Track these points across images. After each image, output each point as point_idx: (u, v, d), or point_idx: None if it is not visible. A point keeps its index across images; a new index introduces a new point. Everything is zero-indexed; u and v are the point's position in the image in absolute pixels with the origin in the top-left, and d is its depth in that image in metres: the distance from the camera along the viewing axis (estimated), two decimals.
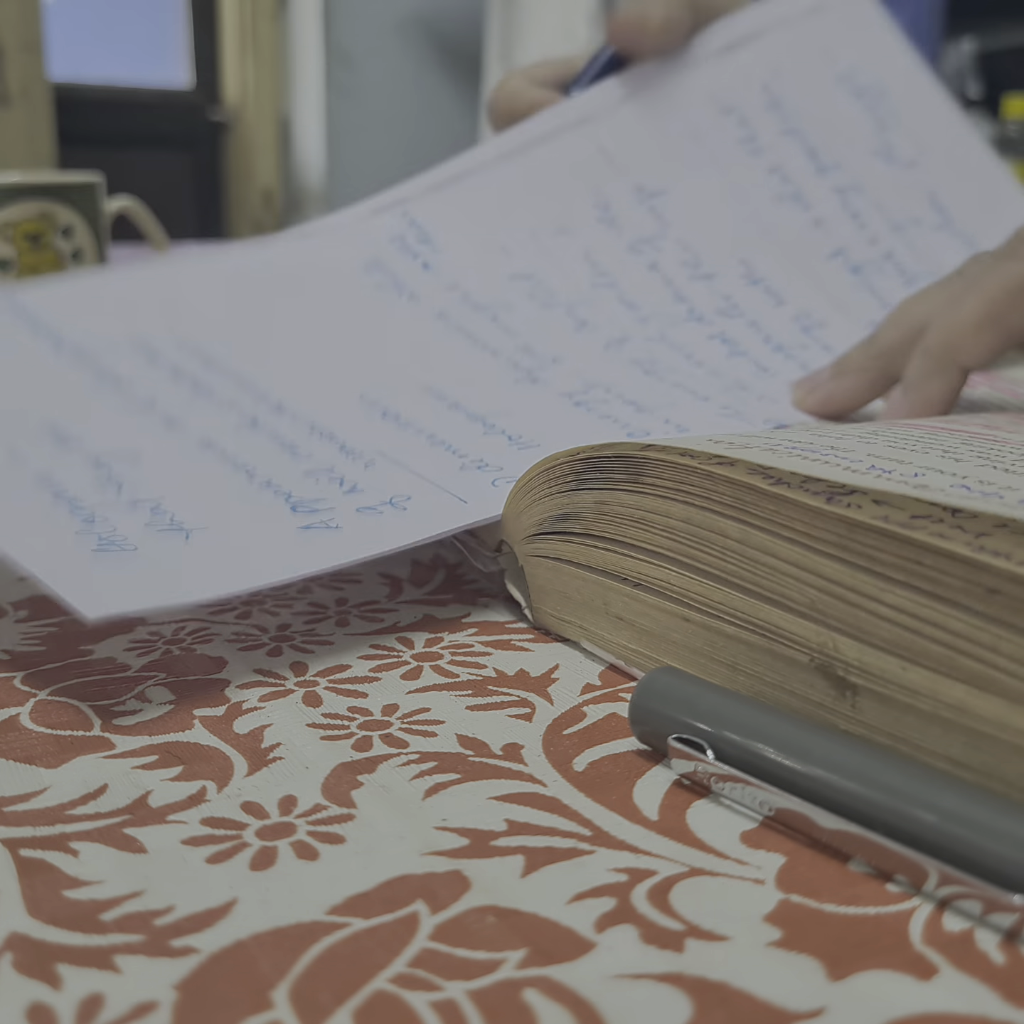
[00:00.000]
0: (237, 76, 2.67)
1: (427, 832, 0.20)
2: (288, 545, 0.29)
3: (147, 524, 0.29)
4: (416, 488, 0.31)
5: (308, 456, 0.33)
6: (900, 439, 0.26)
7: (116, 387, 0.35)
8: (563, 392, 0.38)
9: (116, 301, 0.40)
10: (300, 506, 0.30)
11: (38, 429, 0.33)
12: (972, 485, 0.21)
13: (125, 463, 0.31)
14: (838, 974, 0.17)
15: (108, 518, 0.29)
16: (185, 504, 0.30)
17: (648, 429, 0.36)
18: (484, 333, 0.41)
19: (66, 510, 0.29)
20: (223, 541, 0.29)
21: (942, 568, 0.20)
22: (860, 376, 0.39)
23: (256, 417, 0.35)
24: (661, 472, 0.25)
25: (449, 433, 0.35)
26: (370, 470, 0.32)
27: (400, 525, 0.30)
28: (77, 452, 0.32)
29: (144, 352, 0.37)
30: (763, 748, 0.21)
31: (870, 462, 0.23)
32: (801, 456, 0.24)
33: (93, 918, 0.18)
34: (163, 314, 0.40)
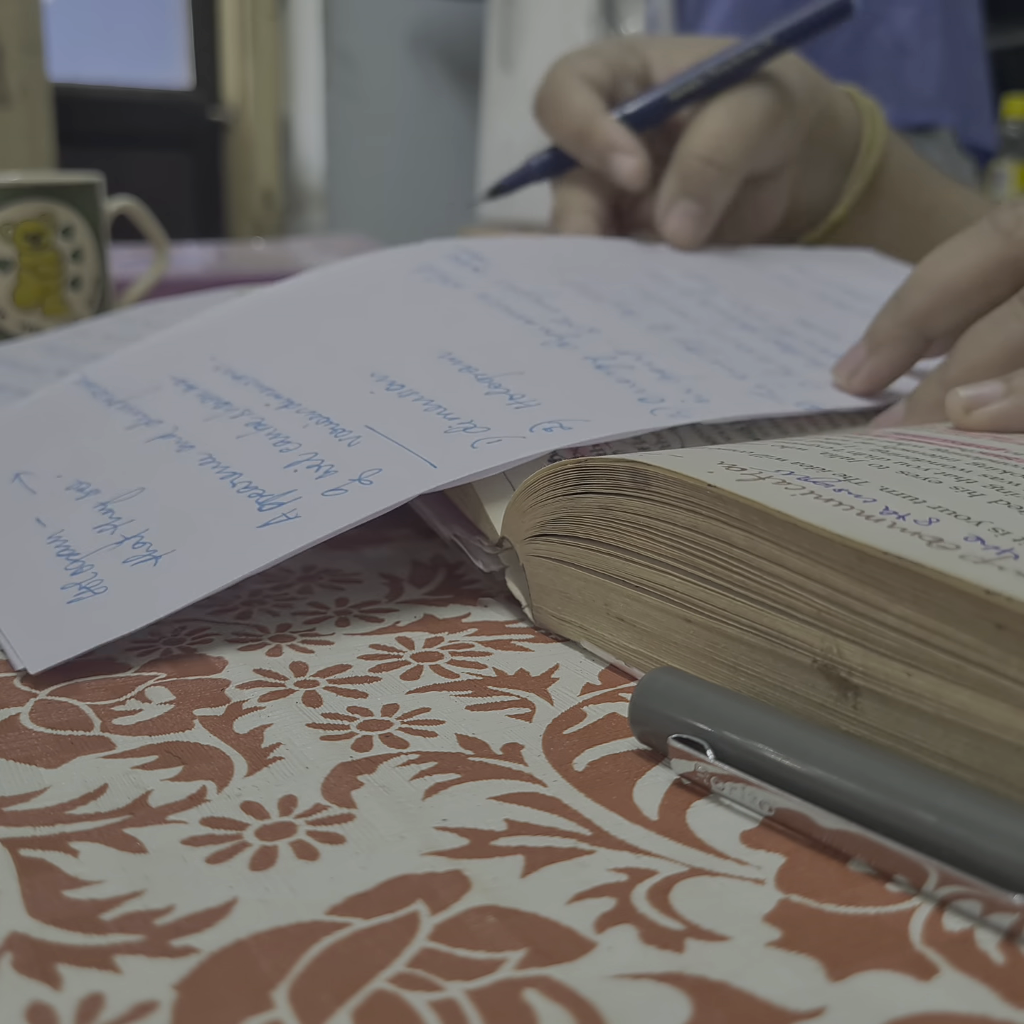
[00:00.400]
0: (237, 76, 2.67)
1: (427, 832, 0.20)
2: (244, 544, 0.29)
3: (124, 561, 0.30)
4: (389, 458, 0.31)
5: (297, 447, 0.33)
6: (912, 460, 0.26)
7: (147, 425, 0.37)
8: (589, 356, 0.37)
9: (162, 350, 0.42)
10: (268, 503, 0.31)
11: (67, 487, 0.35)
12: (986, 537, 0.21)
13: (127, 502, 0.33)
14: (838, 974, 0.17)
15: (94, 564, 0.30)
16: (164, 530, 0.31)
17: (663, 396, 0.35)
18: (523, 308, 0.40)
19: (62, 566, 0.31)
20: (186, 558, 0.30)
21: (952, 600, 0.20)
22: (896, 346, 0.38)
23: (263, 419, 0.35)
24: (668, 485, 0.25)
25: (448, 396, 0.34)
26: (353, 447, 0.32)
27: (361, 499, 0.30)
28: (92, 500, 0.34)
29: (182, 385, 0.39)
30: (763, 748, 0.21)
31: (883, 502, 0.23)
32: (814, 495, 0.23)
33: (93, 918, 0.18)
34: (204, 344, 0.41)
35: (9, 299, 0.61)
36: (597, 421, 0.33)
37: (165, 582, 0.29)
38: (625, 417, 0.33)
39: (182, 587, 0.28)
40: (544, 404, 0.34)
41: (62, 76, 2.40)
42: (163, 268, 0.72)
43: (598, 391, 0.35)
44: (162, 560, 0.30)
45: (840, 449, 0.27)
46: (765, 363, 0.40)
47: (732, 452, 0.27)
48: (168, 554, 0.30)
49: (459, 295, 0.41)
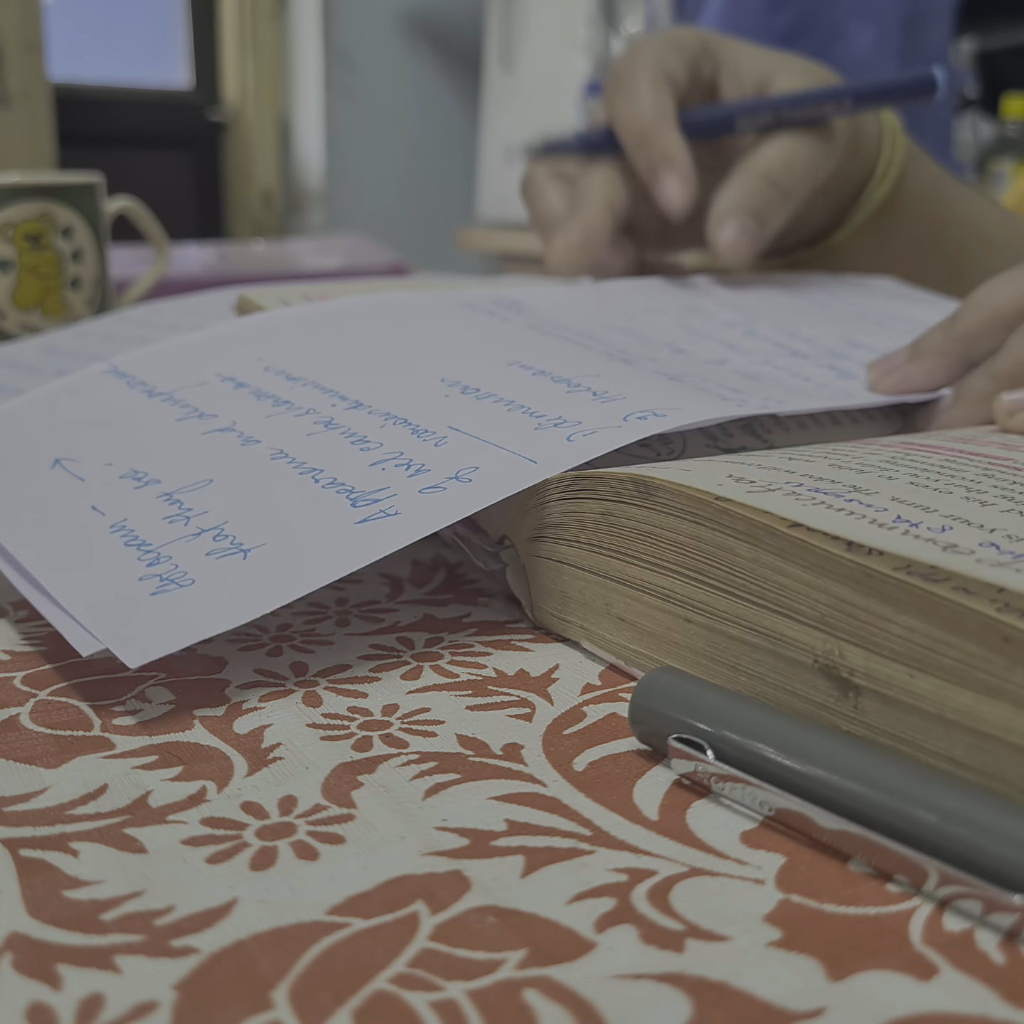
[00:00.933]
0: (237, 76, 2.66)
1: (427, 832, 0.20)
2: (344, 540, 0.28)
3: (207, 553, 0.28)
4: (485, 457, 0.30)
5: (379, 446, 0.32)
6: (921, 471, 0.26)
7: (200, 418, 0.35)
8: (656, 371, 0.37)
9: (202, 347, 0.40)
10: (361, 499, 0.29)
11: (120, 475, 0.33)
12: (1001, 543, 0.21)
13: (195, 493, 0.31)
14: (838, 974, 0.17)
15: (172, 555, 0.29)
16: (247, 523, 0.29)
17: (746, 396, 0.35)
18: (576, 339, 0.40)
19: (134, 556, 0.29)
20: (279, 553, 0.28)
21: (961, 615, 0.20)
22: (937, 360, 0.37)
23: (332, 418, 0.34)
24: (672, 497, 0.25)
25: (529, 397, 0.33)
26: (440, 447, 0.31)
27: (463, 496, 0.29)
28: (153, 490, 0.32)
29: (231, 383, 0.37)
30: (763, 748, 0.21)
31: (895, 511, 0.23)
32: (825, 505, 0.23)
33: (93, 918, 0.18)
34: (252, 346, 0.40)
35: (9, 299, 0.61)
36: (689, 409, 0.32)
37: (259, 577, 0.27)
38: (716, 405, 0.33)
39: (281, 583, 0.27)
40: (630, 397, 0.33)
41: (62, 76, 2.40)
42: (163, 268, 0.72)
43: (679, 390, 0.34)
44: (251, 554, 0.28)
45: (848, 460, 0.27)
46: (824, 390, 0.39)
47: (740, 465, 0.27)
48: (257, 548, 0.28)
49: (510, 326, 0.41)
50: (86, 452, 0.34)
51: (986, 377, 0.35)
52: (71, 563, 0.29)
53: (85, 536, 0.30)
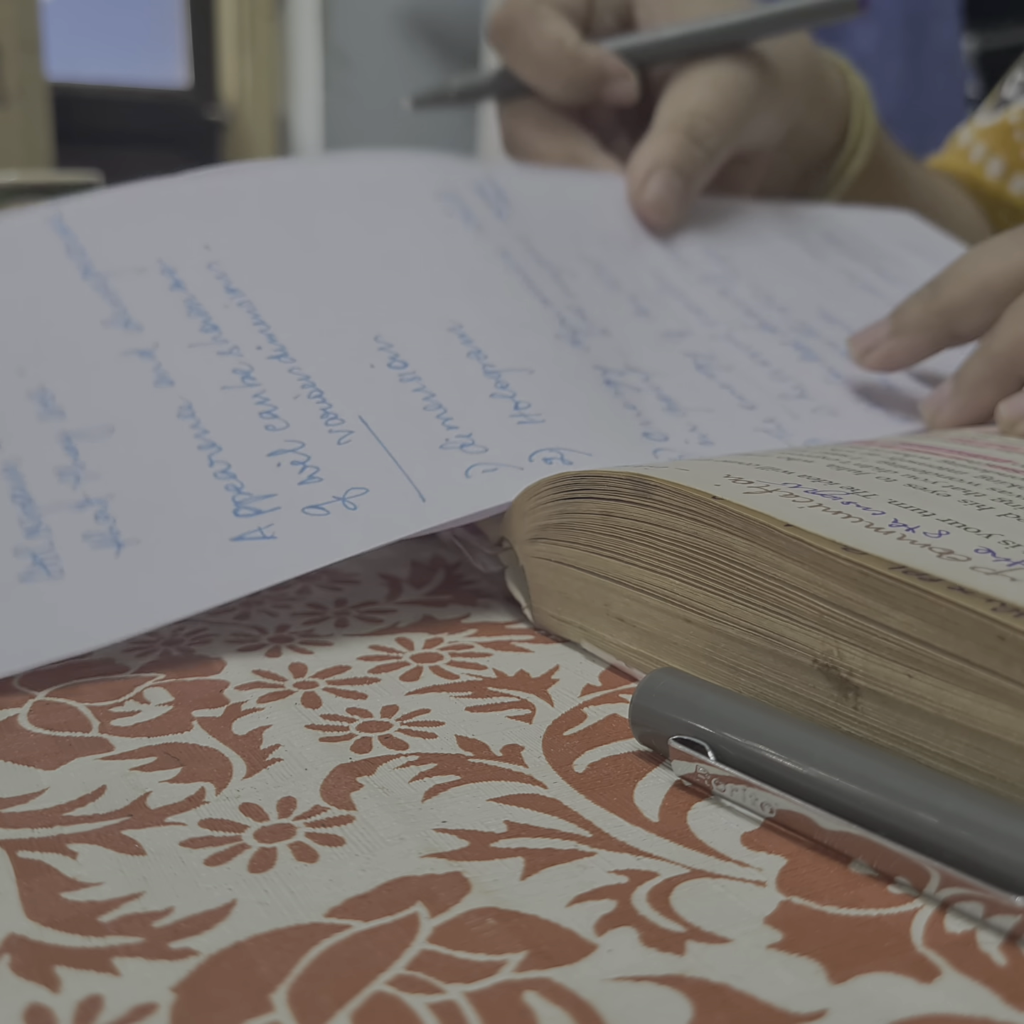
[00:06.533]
0: (235, 75, 2.66)
1: (427, 834, 0.20)
2: (215, 563, 0.28)
3: (85, 535, 0.29)
4: (378, 476, 0.30)
5: (284, 427, 0.31)
6: (920, 472, 0.26)
7: (125, 327, 0.35)
8: (599, 365, 0.36)
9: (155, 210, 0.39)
10: (244, 505, 0.29)
11: (29, 393, 0.33)
12: (997, 549, 0.21)
13: (94, 442, 0.31)
14: (839, 976, 0.17)
15: (51, 527, 0.29)
16: (132, 503, 0.30)
17: (667, 434, 0.34)
18: (542, 283, 0.39)
19: (16, 517, 0.29)
20: (152, 559, 0.28)
21: (956, 614, 0.19)
22: (921, 334, 0.36)
23: (252, 368, 0.33)
24: (670, 495, 0.25)
25: (451, 391, 0.33)
26: (342, 446, 0.31)
27: (341, 531, 0.29)
28: (55, 427, 0.31)
29: (169, 277, 0.36)
30: (764, 749, 0.21)
31: (892, 514, 0.23)
32: (822, 507, 0.23)
33: (91, 920, 0.18)
34: (202, 225, 0.39)
35: None
36: (599, 456, 0.32)
37: (125, 588, 0.28)
38: (628, 455, 0.32)
39: (143, 604, 0.27)
40: (548, 421, 0.32)
41: (60, 75, 2.40)
42: None
43: (604, 412, 0.34)
44: (124, 551, 0.28)
45: (847, 461, 0.27)
46: (780, 381, 0.39)
47: (738, 465, 0.27)
48: (132, 545, 0.29)
49: (481, 246, 0.39)
50: (5, 343, 0.34)
51: (983, 361, 0.34)
52: None
53: None
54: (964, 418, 0.35)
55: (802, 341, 0.41)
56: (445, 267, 0.38)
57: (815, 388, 0.39)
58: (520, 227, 0.41)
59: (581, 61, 0.47)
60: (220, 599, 0.28)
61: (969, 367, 0.35)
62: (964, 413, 0.35)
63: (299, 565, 0.28)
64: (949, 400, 0.35)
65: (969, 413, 0.35)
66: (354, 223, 0.39)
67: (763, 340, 0.41)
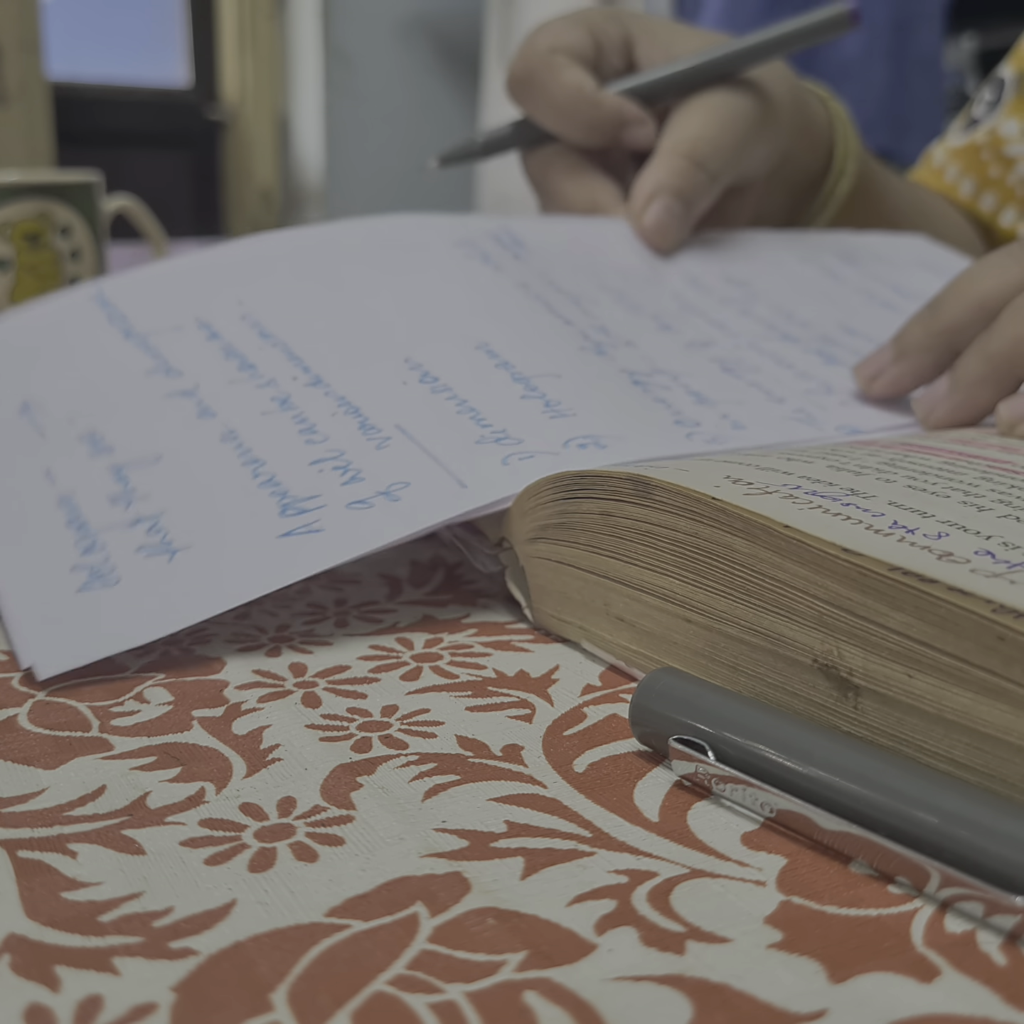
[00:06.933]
0: (235, 75, 2.66)
1: (427, 834, 0.20)
2: (264, 557, 0.29)
3: (139, 548, 0.30)
4: (418, 471, 0.31)
5: (324, 440, 0.32)
6: (919, 474, 0.26)
7: (167, 375, 0.36)
8: (625, 369, 0.37)
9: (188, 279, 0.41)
10: (290, 507, 0.30)
11: (79, 437, 0.34)
12: (996, 551, 0.21)
13: (143, 470, 0.32)
14: (839, 976, 0.17)
15: (107, 544, 0.30)
16: (182, 516, 0.30)
17: (700, 420, 0.34)
18: (563, 308, 0.39)
19: (72, 540, 0.30)
20: (203, 560, 0.29)
21: (956, 615, 0.19)
22: (923, 356, 0.36)
23: (289, 396, 0.34)
24: (671, 495, 0.25)
25: (482, 397, 0.34)
26: (381, 451, 0.32)
27: (385, 521, 0.29)
28: (105, 461, 0.33)
29: (206, 330, 0.38)
30: (764, 749, 0.21)
31: (892, 516, 0.23)
32: (822, 509, 0.23)
33: (91, 920, 0.18)
34: (235, 284, 0.40)
35: (7, 299, 0.61)
36: (633, 440, 0.32)
37: (178, 587, 0.28)
38: (661, 438, 0.33)
39: (195, 599, 0.28)
40: (580, 415, 0.33)
41: (60, 75, 2.40)
42: None
43: (634, 406, 0.34)
44: (177, 556, 0.29)
45: (847, 462, 0.27)
46: (806, 380, 0.39)
47: (738, 466, 0.26)
48: (184, 550, 0.29)
49: (500, 280, 0.40)
50: (53, 397, 0.36)
51: (981, 360, 0.34)
52: (15, 541, 0.30)
53: (34, 508, 0.31)
54: (959, 417, 0.35)
55: (825, 349, 0.42)
56: (467, 299, 0.39)
57: (840, 385, 0.39)
58: (538, 265, 0.43)
59: (600, 107, 0.49)
60: (271, 586, 0.28)
61: (966, 366, 0.35)
62: (959, 412, 0.35)
63: (347, 551, 0.29)
64: (944, 399, 0.35)
65: (965, 412, 0.35)
66: (377, 271, 0.41)
67: (786, 348, 0.41)
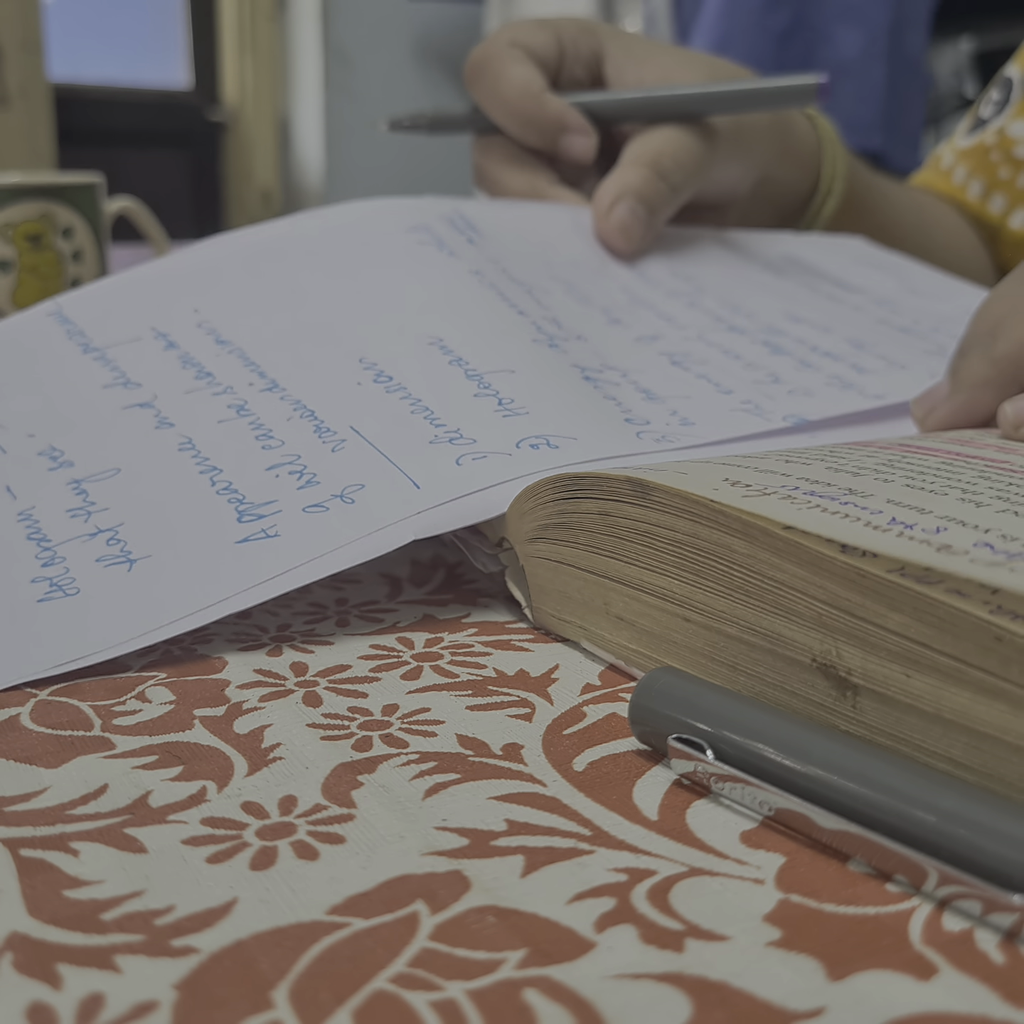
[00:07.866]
0: (236, 76, 2.66)
1: (427, 832, 0.20)
2: (221, 564, 0.29)
3: (98, 559, 0.30)
4: (373, 472, 0.31)
5: (280, 444, 0.33)
6: (917, 473, 0.26)
7: (124, 387, 0.36)
8: (576, 364, 0.37)
9: (145, 289, 0.41)
10: (247, 513, 0.30)
11: (39, 452, 0.34)
12: (995, 543, 0.21)
13: (101, 484, 0.33)
14: (838, 974, 0.17)
15: (66, 556, 0.30)
16: (141, 526, 0.31)
17: (649, 418, 0.35)
18: (516, 297, 0.40)
19: (32, 553, 0.30)
20: (160, 569, 0.29)
21: (954, 616, 0.20)
22: (984, 390, 0.34)
23: (245, 402, 0.35)
24: (669, 497, 0.25)
25: (436, 396, 0.34)
26: (336, 454, 0.32)
27: (341, 523, 0.30)
28: (64, 475, 0.33)
29: (163, 340, 0.38)
30: (763, 748, 0.21)
31: (890, 513, 0.23)
32: (820, 508, 0.23)
33: (93, 918, 0.18)
34: (190, 292, 0.40)
35: (9, 300, 0.61)
36: (584, 440, 0.33)
37: (138, 596, 0.28)
38: (612, 438, 0.33)
39: (155, 608, 0.28)
40: (532, 414, 0.33)
41: (61, 76, 2.40)
42: None
43: (585, 404, 0.35)
44: (136, 566, 0.29)
45: (845, 463, 0.27)
46: (753, 370, 0.40)
47: (736, 468, 0.27)
48: (143, 559, 0.30)
49: (455, 267, 0.41)
50: (13, 415, 0.36)
51: (985, 362, 0.33)
52: None
53: None
54: (959, 419, 0.35)
55: (771, 339, 0.42)
56: (420, 289, 0.40)
57: (788, 375, 0.40)
58: (491, 251, 0.43)
59: (543, 107, 0.49)
60: (228, 593, 0.28)
61: (969, 368, 0.34)
62: (960, 414, 0.34)
63: (301, 557, 0.29)
64: (946, 400, 0.35)
65: (965, 414, 0.34)
66: (330, 264, 0.41)
67: (733, 339, 0.42)
